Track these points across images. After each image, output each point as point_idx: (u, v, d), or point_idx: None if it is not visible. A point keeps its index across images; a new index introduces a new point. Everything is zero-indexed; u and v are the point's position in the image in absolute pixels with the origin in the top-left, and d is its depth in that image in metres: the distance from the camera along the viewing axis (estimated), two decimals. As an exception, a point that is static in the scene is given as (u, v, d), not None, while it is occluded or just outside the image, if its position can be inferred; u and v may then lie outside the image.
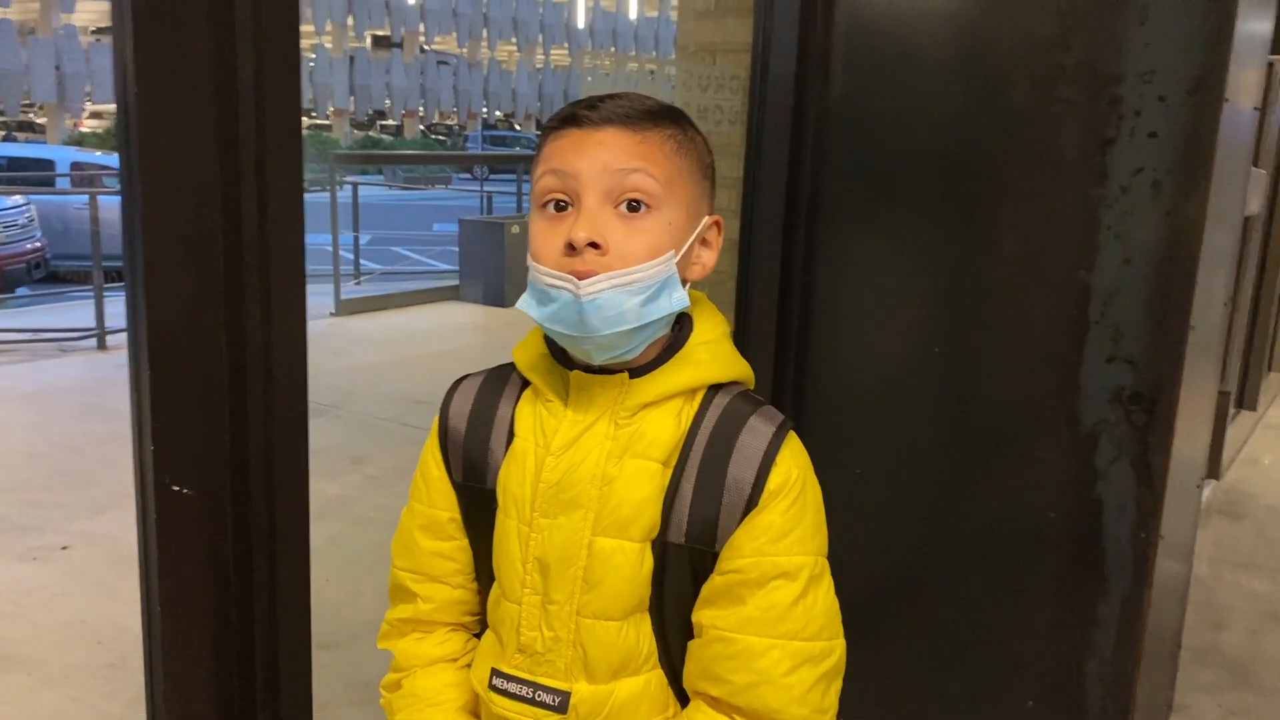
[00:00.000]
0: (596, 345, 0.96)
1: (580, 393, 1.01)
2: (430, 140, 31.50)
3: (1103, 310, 1.88)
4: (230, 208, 1.28)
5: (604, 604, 1.01)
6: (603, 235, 0.94)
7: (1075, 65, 1.86)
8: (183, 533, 1.32)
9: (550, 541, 1.01)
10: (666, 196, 0.97)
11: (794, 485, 0.99)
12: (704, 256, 1.04)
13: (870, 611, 2.22)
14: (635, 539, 1.00)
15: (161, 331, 1.25)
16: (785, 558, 0.98)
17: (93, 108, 28.03)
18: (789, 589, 0.98)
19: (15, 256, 8.86)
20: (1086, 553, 1.95)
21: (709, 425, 1.01)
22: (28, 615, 2.87)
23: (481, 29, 32.04)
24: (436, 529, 1.12)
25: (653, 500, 0.99)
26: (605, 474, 0.99)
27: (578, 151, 0.97)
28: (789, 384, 2.23)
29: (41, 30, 26.40)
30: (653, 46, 34.86)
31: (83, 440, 4.51)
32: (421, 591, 1.13)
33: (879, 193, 2.11)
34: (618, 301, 0.94)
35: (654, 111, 1.00)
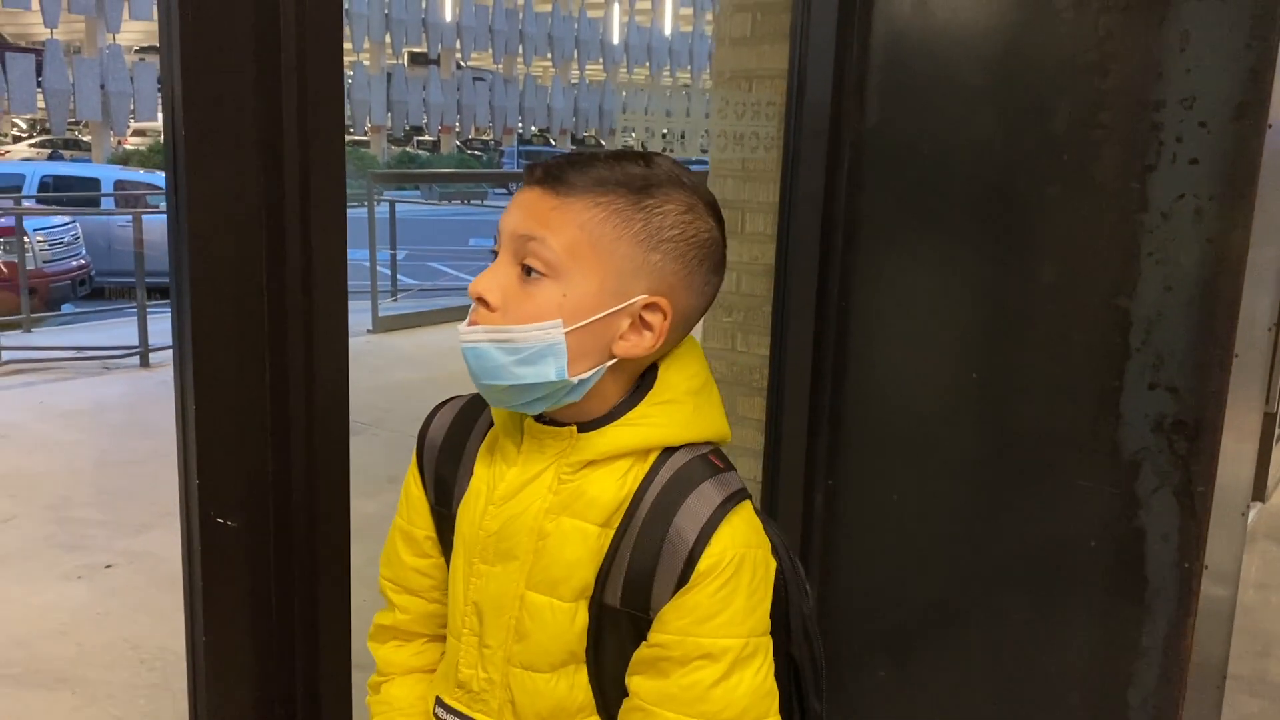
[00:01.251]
0: (486, 393, 1.00)
1: (531, 441, 1.01)
2: (466, 156, 31.75)
3: (1144, 337, 1.86)
4: (274, 234, 1.30)
5: (532, 656, 1.01)
6: (500, 293, 0.96)
7: (1114, 91, 1.85)
8: (226, 563, 1.34)
9: (486, 588, 1.03)
10: (567, 268, 0.94)
11: (727, 566, 0.95)
12: (637, 337, 0.97)
13: (908, 639, 2.20)
14: (566, 598, 0.99)
15: (206, 364, 1.28)
16: (710, 639, 0.95)
17: (136, 125, 28.54)
18: (711, 670, 0.95)
19: (61, 274, 9.02)
20: (1128, 582, 1.93)
21: (657, 489, 0.98)
22: (73, 634, 2.91)
23: (517, 45, 32.28)
24: (415, 545, 1.13)
25: (585, 563, 0.98)
26: (541, 529, 0.99)
27: (508, 208, 0.99)
28: (825, 409, 2.23)
29: (87, 50, 26.95)
30: (687, 61, 34.97)
31: (125, 458, 4.57)
32: (400, 602, 1.16)
33: (915, 219, 2.10)
34: (491, 355, 0.95)
35: (599, 178, 0.95)
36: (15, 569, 3.37)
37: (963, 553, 2.12)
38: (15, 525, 3.74)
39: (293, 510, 1.37)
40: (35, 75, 24.14)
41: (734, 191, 2.52)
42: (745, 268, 2.52)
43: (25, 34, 30.44)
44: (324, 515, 1.39)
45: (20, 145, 28.19)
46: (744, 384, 2.60)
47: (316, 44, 1.28)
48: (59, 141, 27.12)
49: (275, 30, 1.26)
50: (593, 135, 35.40)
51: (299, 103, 1.28)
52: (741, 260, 2.53)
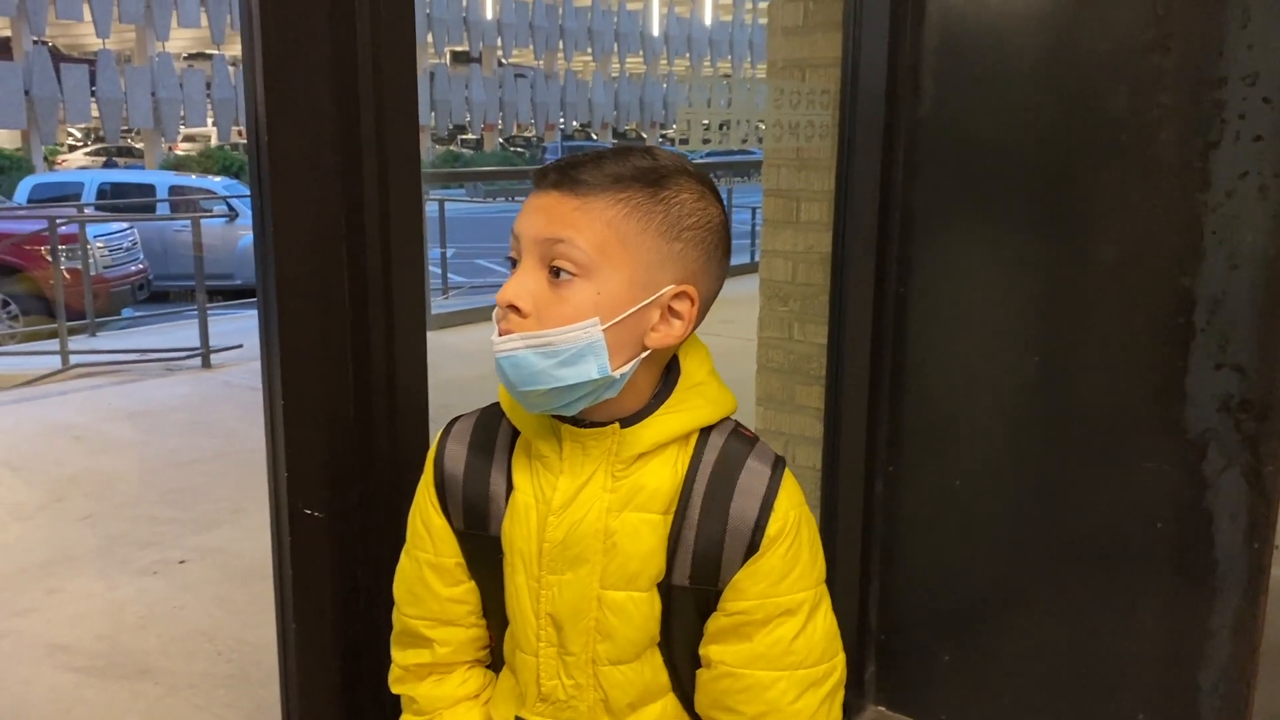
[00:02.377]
0: (522, 399, 0.98)
1: (573, 445, 1.02)
2: (509, 153, 31.92)
3: (1209, 317, 1.86)
4: (354, 238, 1.34)
5: (619, 651, 1.04)
6: (530, 299, 0.95)
7: (1174, 70, 1.84)
8: (314, 554, 1.39)
9: (561, 597, 1.03)
10: (598, 266, 0.95)
11: (790, 528, 1.02)
12: (668, 327, 0.99)
13: (973, 624, 2.21)
14: (643, 589, 1.02)
15: (293, 362, 1.32)
16: (787, 596, 1.01)
17: (186, 131, 29.05)
18: (791, 624, 1.02)
19: (121, 279, 9.23)
20: (1196, 563, 1.92)
21: (706, 469, 1.02)
22: (153, 627, 3.00)
23: (558, 41, 32.39)
24: (446, 575, 1.12)
25: (657, 551, 1.01)
26: (607, 528, 1.01)
27: (524, 214, 0.98)
28: (884, 396, 2.24)
29: (138, 59, 27.48)
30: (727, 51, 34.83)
31: (192, 457, 4.68)
32: (437, 636, 1.13)
33: (973, 203, 2.11)
34: (531, 362, 0.95)
35: (615, 175, 0.96)
36: (94, 565, 3.47)
37: (1027, 536, 2.12)
38: (91, 523, 3.86)
39: (376, 501, 1.42)
40: (89, 85, 24.68)
41: (788, 181, 2.53)
42: (801, 257, 2.54)
43: (78, 45, 31.10)
44: (407, 505, 1.43)
45: (76, 154, 28.83)
46: (801, 373, 2.62)
47: (391, 52, 1.32)
48: (113, 149, 27.70)
49: (352, 41, 1.30)
50: (634, 128, 35.42)
51: (376, 110, 1.32)
52: (797, 249, 2.55)
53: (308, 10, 1.28)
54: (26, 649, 2.88)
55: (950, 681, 2.25)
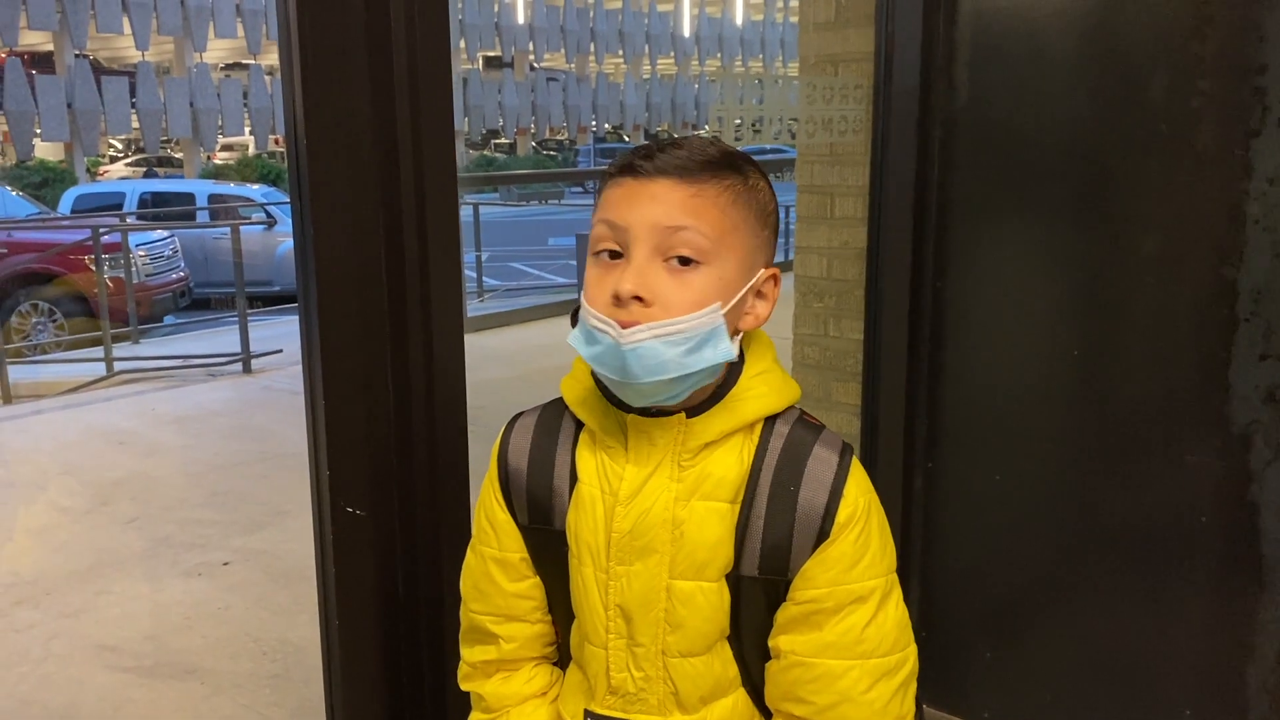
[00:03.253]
0: (636, 392, 0.97)
1: (639, 436, 1.02)
2: (542, 157, 32.03)
3: (1252, 307, 1.83)
4: (393, 242, 1.36)
5: (689, 642, 1.04)
6: (650, 288, 0.94)
7: (1214, 57, 1.82)
8: (356, 551, 1.41)
9: (630, 588, 1.03)
10: (717, 251, 0.96)
11: (861, 514, 1.01)
12: (758, 308, 1.02)
13: (1016, 618, 2.19)
14: (712, 579, 1.02)
15: (334, 363, 1.34)
16: (858, 583, 1.01)
17: (224, 140, 29.44)
18: (863, 612, 1.01)
19: (163, 286, 9.36)
20: (1243, 556, 1.89)
21: (773, 458, 1.02)
22: (198, 628, 3.05)
23: (589, 44, 32.47)
24: (512, 570, 1.12)
25: (725, 540, 1.01)
26: (675, 518, 1.01)
27: (630, 204, 0.97)
28: (922, 391, 2.23)
29: (176, 70, 27.89)
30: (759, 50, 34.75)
31: (235, 460, 4.75)
32: (503, 632, 1.13)
33: (1010, 195, 2.09)
34: (658, 351, 0.94)
35: (713, 161, 0.98)
36: (141, 567, 3.53)
37: (1069, 531, 2.10)
38: (137, 526, 3.92)
39: (417, 499, 1.43)
40: (129, 97, 25.09)
41: (822, 176, 2.53)
42: (836, 253, 2.53)
43: (118, 57, 31.61)
44: (445, 503, 1.45)
45: (117, 165, 29.30)
46: (837, 369, 2.60)
47: (426, 60, 1.34)
48: (153, 159, 28.12)
49: (388, 50, 1.32)
50: (665, 129, 35.42)
51: (412, 117, 1.34)
52: (832, 245, 2.54)
53: (345, 21, 1.30)
54: (76, 649, 2.94)
55: (992, 678, 2.23)
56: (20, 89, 22.65)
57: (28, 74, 23.17)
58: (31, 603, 3.25)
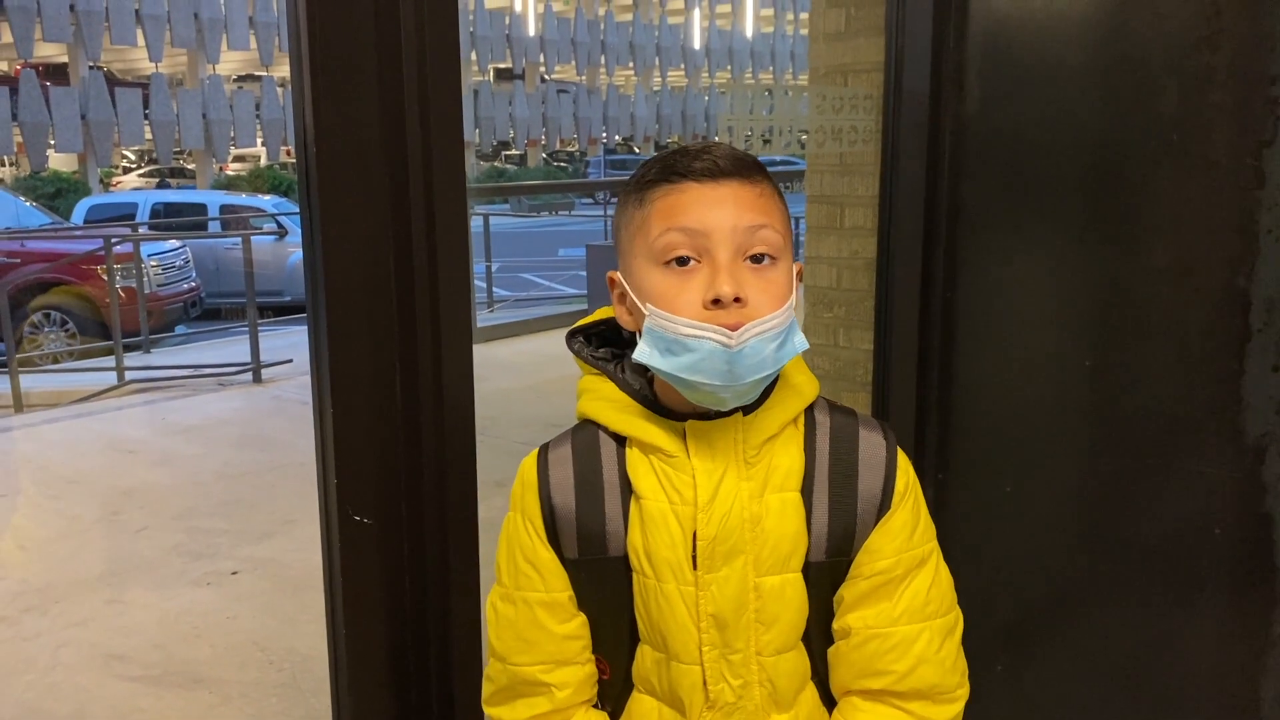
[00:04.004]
0: (735, 393, 0.98)
1: (699, 441, 1.02)
2: (552, 168, 32.11)
3: (1266, 318, 1.81)
4: (401, 251, 1.36)
5: (782, 638, 1.05)
6: (743, 289, 0.96)
7: (1226, 67, 1.81)
8: (364, 560, 1.40)
9: (722, 594, 1.02)
10: (785, 246, 1.01)
11: (913, 484, 1.08)
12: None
13: (1027, 632, 2.18)
14: (795, 569, 1.04)
15: (342, 371, 1.34)
16: (920, 548, 1.07)
17: (236, 151, 29.58)
18: (925, 574, 1.07)
19: (174, 296, 9.40)
20: (1257, 570, 1.88)
21: (824, 444, 1.06)
22: (206, 637, 3.05)
23: (600, 56, 32.57)
24: (559, 611, 1.08)
25: (803, 529, 1.04)
26: (754, 514, 1.02)
27: (703, 208, 0.97)
28: (933, 401, 2.22)
29: (189, 82, 28.04)
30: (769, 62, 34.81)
31: (244, 469, 4.76)
32: (556, 679, 1.08)
33: (1020, 205, 2.08)
34: (760, 349, 0.96)
35: (754, 163, 1.02)
36: (149, 576, 3.54)
37: (1080, 543, 2.09)
38: (147, 535, 3.93)
39: (425, 508, 1.43)
40: (143, 108, 25.24)
41: (832, 186, 2.52)
42: (846, 262, 2.52)
43: (132, 69, 31.82)
44: (453, 512, 1.45)
45: (130, 176, 29.47)
46: (847, 379, 2.60)
47: (436, 72, 1.34)
48: (166, 170, 28.26)
49: (398, 62, 1.32)
50: (676, 140, 35.46)
51: (422, 129, 1.34)
52: (841, 255, 2.53)
53: (355, 33, 1.30)
54: (85, 658, 2.94)
55: (1004, 691, 2.21)
56: (35, 100, 22.81)
57: (42, 86, 23.32)
58: (40, 610, 3.26)
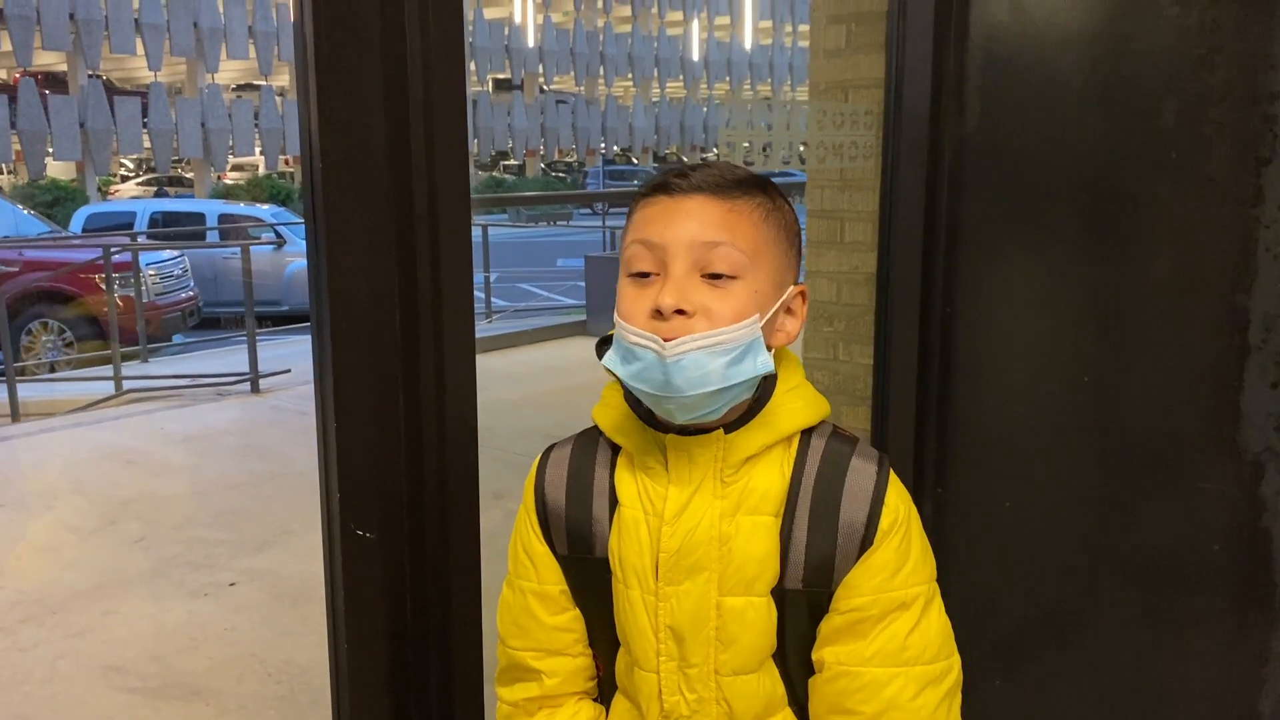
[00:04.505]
0: (680, 405, 0.98)
1: (679, 454, 1.03)
2: (551, 178, 32.17)
3: (1264, 334, 1.82)
4: (406, 265, 1.37)
5: (742, 660, 1.03)
6: (690, 301, 0.96)
7: (1224, 85, 1.82)
8: (365, 574, 1.41)
9: (681, 608, 1.03)
10: (752, 266, 0.99)
11: (902, 521, 1.03)
12: (787, 324, 1.05)
13: (1024, 649, 2.18)
14: (761, 593, 1.02)
15: (346, 386, 1.34)
16: (901, 590, 1.02)
17: (235, 160, 29.61)
18: (906, 618, 1.02)
19: (173, 305, 9.39)
20: (1256, 586, 1.88)
21: (812, 470, 1.03)
22: (204, 649, 3.05)
23: (598, 67, 32.65)
24: (551, 603, 1.11)
25: (772, 554, 1.02)
26: (722, 534, 1.01)
27: (665, 221, 0.99)
28: (932, 416, 2.22)
29: (189, 90, 28.09)
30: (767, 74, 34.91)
31: (242, 480, 4.76)
32: (545, 667, 1.12)
33: (1020, 221, 2.09)
34: (702, 362, 0.95)
35: (744, 180, 1.02)
36: (147, 587, 3.53)
37: (1080, 559, 2.09)
38: (145, 546, 3.93)
39: (427, 522, 1.43)
40: (141, 117, 25.27)
41: (832, 201, 2.53)
42: (846, 277, 2.53)
43: (131, 78, 31.86)
44: (455, 526, 1.45)
45: (128, 184, 29.47)
46: (847, 393, 2.60)
47: (441, 85, 1.35)
48: (164, 179, 28.27)
49: (403, 75, 1.33)
50: (675, 152, 35.54)
51: (426, 143, 1.34)
52: (842, 270, 2.54)
53: (361, 47, 1.31)
54: (82, 670, 2.93)
55: (1002, 708, 2.21)
56: (34, 108, 22.83)
57: (41, 94, 23.35)
58: (37, 621, 3.25)
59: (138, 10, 24.72)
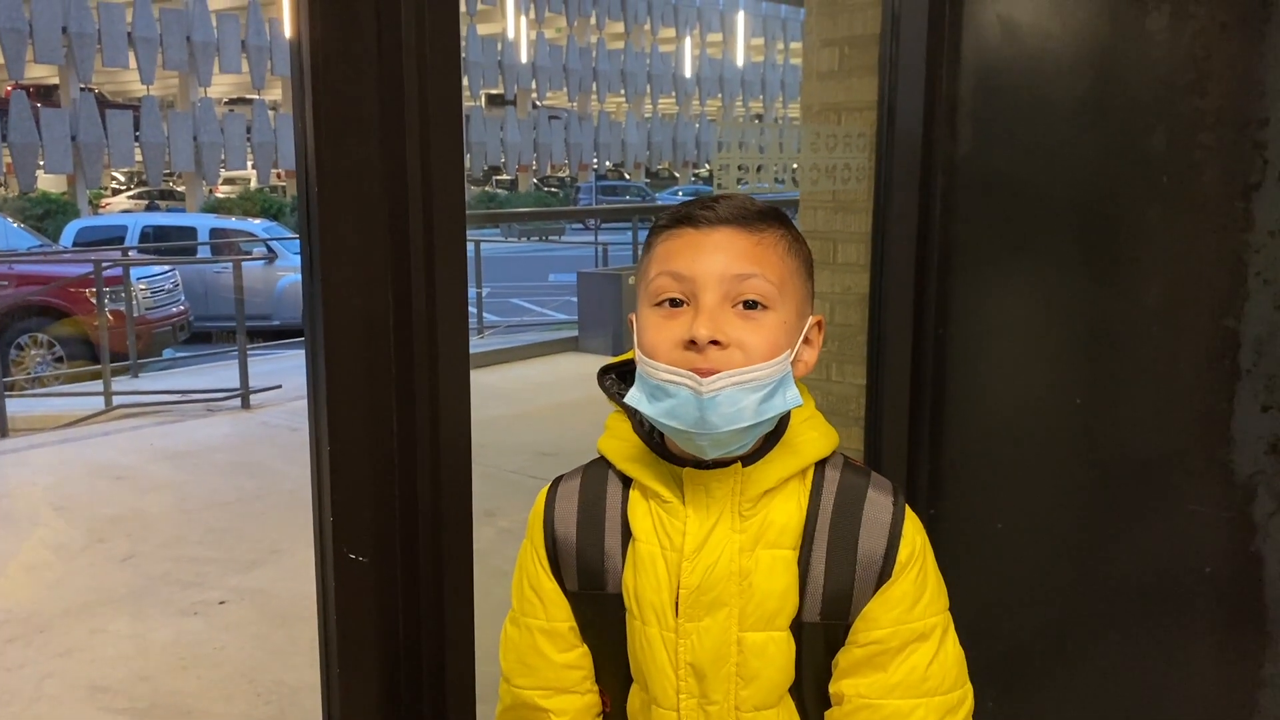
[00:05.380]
0: (712, 441, 0.97)
1: (696, 488, 1.02)
2: (543, 194, 32.21)
3: (1254, 358, 1.83)
4: (400, 285, 1.37)
5: (762, 695, 1.03)
6: (724, 333, 0.96)
7: (1215, 111, 1.84)
8: (358, 598, 1.40)
9: (702, 644, 1.02)
10: (780, 297, 0.99)
11: (919, 553, 1.04)
12: (805, 354, 1.04)
13: (1017, 672, 2.18)
14: (781, 628, 1.02)
15: (340, 409, 1.34)
16: (920, 621, 1.02)
17: (226, 174, 29.58)
18: (926, 650, 1.02)
19: (163, 320, 9.37)
20: (1247, 609, 1.88)
21: (829, 502, 1.03)
22: (193, 668, 3.03)
23: (591, 82, 32.76)
24: (560, 640, 1.10)
25: (792, 588, 1.01)
26: (742, 569, 1.01)
27: (695, 253, 0.99)
28: (925, 437, 2.23)
29: (181, 104, 28.07)
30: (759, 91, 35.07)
31: (232, 497, 4.73)
32: (554, 706, 1.10)
33: (1012, 244, 2.10)
34: (737, 399, 0.95)
35: (765, 213, 1.02)
36: (136, 606, 3.51)
37: (1071, 581, 2.09)
38: (133, 564, 3.90)
39: (420, 545, 1.43)
40: (133, 130, 25.25)
41: (825, 223, 2.54)
42: (839, 298, 2.54)
43: (123, 91, 31.84)
44: (449, 549, 1.44)
45: (119, 198, 29.41)
46: (840, 414, 2.60)
47: (437, 103, 1.35)
48: (155, 193, 28.22)
49: (399, 94, 1.33)
50: (667, 167, 35.64)
51: (422, 164, 1.35)
52: (834, 290, 2.55)
53: (357, 60, 1.31)
54: (69, 690, 2.91)
55: (995, 729, 2.20)
56: (25, 121, 22.79)
57: (33, 107, 23.32)
58: (24, 640, 3.22)
59: (130, 24, 24.72)
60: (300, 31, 1.28)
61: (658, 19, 33.33)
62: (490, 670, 1.18)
